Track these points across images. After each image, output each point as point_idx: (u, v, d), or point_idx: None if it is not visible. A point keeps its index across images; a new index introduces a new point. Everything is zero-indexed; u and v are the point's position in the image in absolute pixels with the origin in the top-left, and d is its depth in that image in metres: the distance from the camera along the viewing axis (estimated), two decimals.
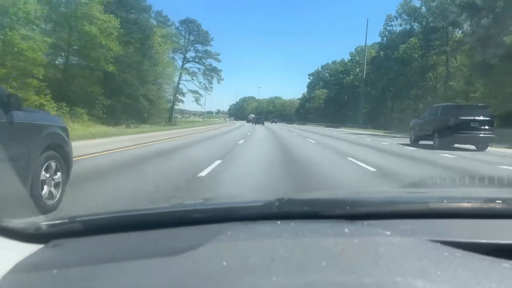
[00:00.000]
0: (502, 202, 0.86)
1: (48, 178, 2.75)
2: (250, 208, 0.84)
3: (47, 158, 2.79)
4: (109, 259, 0.60)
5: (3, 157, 2.25)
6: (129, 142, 10.49)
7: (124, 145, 9.36)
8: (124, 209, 0.87)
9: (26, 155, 2.48)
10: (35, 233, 0.70)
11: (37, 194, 2.56)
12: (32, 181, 2.47)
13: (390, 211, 0.82)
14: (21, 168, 2.40)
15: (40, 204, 2.55)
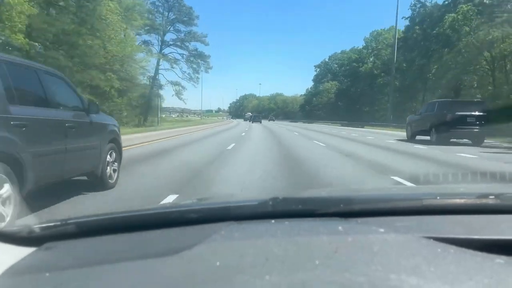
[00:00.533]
0: (495, 198, 0.88)
1: (110, 163, 4.06)
2: (244, 208, 0.87)
3: (110, 149, 4.17)
4: (102, 260, 0.62)
5: (86, 145, 3.54)
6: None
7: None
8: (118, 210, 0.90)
9: (98, 145, 3.83)
10: (28, 236, 0.73)
11: (104, 174, 3.88)
12: (102, 164, 3.71)
13: (385, 208, 0.85)
14: (96, 154, 3.73)
15: (105, 182, 3.95)
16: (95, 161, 3.69)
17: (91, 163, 3.64)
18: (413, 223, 0.75)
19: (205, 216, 0.82)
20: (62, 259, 0.66)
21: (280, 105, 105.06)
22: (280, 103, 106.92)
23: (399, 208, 0.84)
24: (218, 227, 0.71)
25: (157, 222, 0.79)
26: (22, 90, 2.82)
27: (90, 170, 3.65)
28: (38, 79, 3.04)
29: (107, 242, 0.73)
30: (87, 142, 3.57)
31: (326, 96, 62.99)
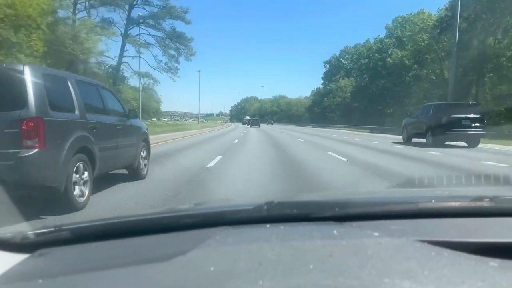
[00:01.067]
0: (490, 201, 0.92)
1: (143, 159, 5.20)
2: (239, 212, 0.89)
3: (142, 147, 5.31)
4: (95, 267, 0.64)
5: (128, 144, 4.63)
6: None
7: None
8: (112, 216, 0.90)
9: (136, 144, 4.96)
10: (21, 242, 0.75)
11: (139, 166, 5.04)
12: (138, 159, 4.86)
13: (380, 211, 0.88)
14: (134, 151, 4.87)
15: (140, 173, 5.12)
16: (134, 156, 4.89)
17: (131, 158, 4.82)
18: (408, 226, 0.77)
19: (199, 221, 0.84)
20: (55, 266, 0.68)
21: (283, 108, 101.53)
22: (283, 105, 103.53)
23: (394, 211, 0.87)
24: (213, 232, 0.73)
25: (150, 227, 0.81)
26: (91, 102, 3.97)
27: (130, 163, 4.81)
28: (98, 93, 4.33)
29: (100, 248, 0.75)
30: (128, 141, 4.76)
31: (340, 95, 54.74)
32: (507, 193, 1.33)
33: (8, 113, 2.80)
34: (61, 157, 3.05)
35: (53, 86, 3.27)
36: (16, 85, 2.88)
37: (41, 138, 2.83)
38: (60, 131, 3.15)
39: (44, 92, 3.00)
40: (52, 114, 3.07)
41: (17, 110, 2.78)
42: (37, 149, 2.80)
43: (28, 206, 2.94)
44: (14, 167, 2.74)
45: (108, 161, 4.11)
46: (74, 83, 3.70)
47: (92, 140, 3.64)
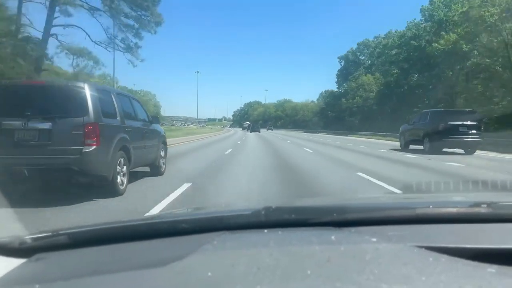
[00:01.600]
0: (488, 207, 0.95)
1: (162, 158, 6.34)
2: (237, 217, 0.93)
3: (162, 148, 6.43)
4: (93, 272, 0.65)
5: (152, 145, 5.78)
6: None
7: None
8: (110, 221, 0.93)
9: (156, 145, 6.09)
10: (19, 247, 0.78)
11: (159, 164, 6.19)
12: (157, 157, 5.99)
13: (378, 217, 0.91)
14: (156, 151, 6.01)
15: (159, 170, 6.28)
16: (155, 155, 6.08)
17: (154, 157, 6.00)
18: (406, 232, 0.81)
19: (197, 226, 0.88)
20: (52, 271, 0.71)
21: (288, 113, 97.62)
22: (288, 110, 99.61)
23: (392, 217, 0.91)
24: (211, 237, 0.76)
25: (148, 233, 0.85)
26: (126, 110, 5.12)
27: (153, 161, 5.99)
28: (130, 102, 5.57)
29: (98, 253, 0.78)
30: (152, 142, 5.93)
31: (361, 95, 45.96)
32: (505, 199, 1.36)
33: (74, 119, 3.90)
34: (110, 153, 4.13)
35: (103, 98, 4.38)
36: (79, 98, 3.99)
37: (97, 138, 3.93)
38: (109, 133, 4.24)
39: (98, 103, 4.11)
40: (104, 120, 4.18)
41: (81, 117, 3.90)
42: (94, 146, 3.87)
43: (83, 190, 4.07)
44: (78, 159, 3.82)
45: (138, 158, 5.22)
46: (115, 95, 4.91)
47: (129, 140, 4.75)
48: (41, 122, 3.86)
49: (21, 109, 3.93)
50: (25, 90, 4.30)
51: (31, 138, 3.88)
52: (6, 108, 4.00)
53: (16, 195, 3.90)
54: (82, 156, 3.86)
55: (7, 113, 3.94)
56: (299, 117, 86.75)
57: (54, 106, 4.00)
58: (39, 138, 3.86)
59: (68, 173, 3.91)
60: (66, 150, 3.85)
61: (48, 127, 3.90)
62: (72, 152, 3.86)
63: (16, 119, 3.87)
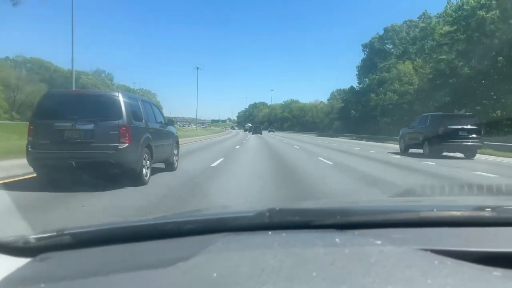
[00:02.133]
0: (492, 210, 1.00)
1: (175, 155, 7.60)
2: (241, 219, 0.97)
3: (174, 146, 7.71)
4: (97, 272, 0.69)
5: (167, 144, 7.09)
6: None
7: None
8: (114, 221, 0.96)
9: (171, 144, 7.39)
10: (24, 246, 0.82)
11: (173, 161, 7.46)
12: (172, 155, 7.27)
13: (381, 220, 0.95)
14: (170, 149, 7.32)
15: (173, 166, 7.64)
16: (170, 153, 7.26)
17: (169, 154, 7.18)
18: (410, 235, 0.85)
19: (201, 227, 0.93)
20: (57, 270, 0.74)
21: (296, 114, 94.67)
22: (296, 111, 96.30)
23: (396, 220, 0.95)
24: (215, 239, 0.80)
25: (153, 233, 0.89)
26: (148, 114, 6.32)
27: (168, 158, 7.16)
28: (151, 108, 6.80)
29: (102, 253, 0.82)
30: (168, 142, 7.12)
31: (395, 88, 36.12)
32: (509, 203, 1.41)
33: (111, 122, 5.07)
34: (138, 150, 5.29)
35: (132, 104, 5.61)
36: (115, 105, 5.18)
37: (129, 137, 5.11)
38: (137, 134, 5.39)
39: (129, 108, 5.29)
40: (134, 122, 5.37)
41: (116, 120, 5.07)
42: (127, 144, 5.01)
43: (115, 180, 5.14)
44: (115, 154, 4.94)
45: (158, 155, 6.40)
46: (141, 101, 6.17)
47: (151, 139, 5.94)
48: (86, 124, 5.02)
49: (70, 113, 5.10)
50: (72, 98, 5.60)
51: (78, 137, 5.04)
52: (58, 113, 5.16)
53: (65, 182, 5.06)
54: (117, 152, 5.00)
55: (58, 117, 5.09)
56: (307, 119, 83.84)
57: (96, 111, 5.16)
58: (84, 137, 5.01)
59: (106, 166, 5.05)
60: (105, 146, 5.00)
61: (91, 128, 5.05)
62: (110, 148, 5.01)
63: (66, 121, 5.03)
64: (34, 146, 5.13)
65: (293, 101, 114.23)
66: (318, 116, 76.77)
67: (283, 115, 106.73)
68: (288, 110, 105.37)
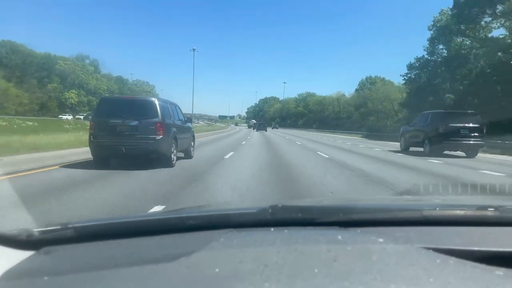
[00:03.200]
0: (495, 210, 1.09)
1: (192, 146, 10.64)
2: (244, 215, 1.07)
3: (192, 138, 10.77)
4: (101, 266, 0.76)
5: (187, 137, 10.21)
6: None
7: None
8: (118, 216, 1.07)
9: (189, 137, 10.43)
10: (27, 239, 0.90)
11: (190, 150, 10.51)
12: (189, 146, 10.35)
13: (384, 218, 1.04)
14: (189, 141, 10.41)
15: (190, 155, 10.72)
16: (188, 144, 10.02)
17: (187, 145, 9.92)
18: (413, 233, 0.92)
19: (204, 223, 1.02)
20: (60, 264, 0.82)
21: (313, 109, 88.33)
22: (312, 105, 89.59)
23: (399, 218, 1.04)
24: (218, 234, 0.88)
25: (156, 228, 0.98)
26: (173, 113, 9.05)
27: (187, 148, 9.94)
28: (175, 108, 9.52)
29: (105, 247, 0.90)
30: (187, 135, 9.84)
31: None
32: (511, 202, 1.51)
33: (150, 120, 7.60)
34: (169, 140, 7.85)
35: (164, 105, 8.23)
36: (152, 107, 7.74)
37: (163, 131, 7.64)
38: (168, 128, 7.97)
39: (162, 109, 7.88)
40: (166, 120, 7.96)
41: (154, 118, 7.62)
42: (161, 136, 7.58)
43: (152, 163, 7.79)
44: (153, 143, 7.52)
45: (181, 145, 9.03)
46: (169, 104, 8.81)
47: (176, 133, 8.53)
48: (132, 121, 7.66)
49: (121, 113, 7.74)
50: (121, 101, 8.40)
51: (126, 130, 7.66)
52: (111, 112, 7.82)
53: (116, 163, 7.69)
54: (155, 142, 7.62)
55: (112, 115, 7.76)
56: (327, 114, 77.25)
57: (139, 112, 7.78)
58: (131, 130, 7.62)
59: (146, 152, 7.67)
60: (145, 137, 7.60)
61: (136, 124, 7.65)
62: (149, 139, 7.63)
63: (118, 119, 7.66)
64: (95, 137, 7.85)
65: (309, 94, 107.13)
66: (345, 110, 69.05)
67: (298, 110, 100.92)
68: (304, 104, 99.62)
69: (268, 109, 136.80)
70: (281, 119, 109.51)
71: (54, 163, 8.22)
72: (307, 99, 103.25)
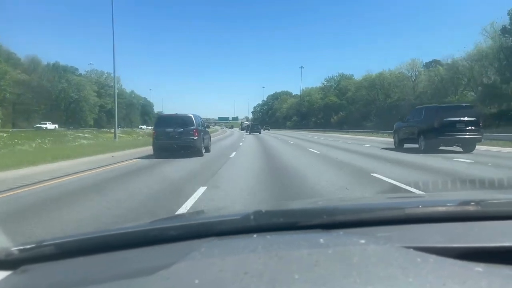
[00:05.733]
0: (476, 204, 1.28)
1: (209, 144, 20.93)
2: (226, 223, 1.27)
3: (209, 138, 21.05)
4: (79, 283, 0.88)
5: (207, 137, 20.88)
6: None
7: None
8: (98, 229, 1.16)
9: (208, 137, 20.62)
10: (5, 259, 1.05)
11: (209, 147, 20.69)
12: (209, 143, 20.62)
13: (367, 218, 1.23)
14: (208, 140, 20.78)
15: (209, 149, 21.64)
16: (208, 142, 19.98)
17: (207, 143, 19.90)
18: (394, 233, 1.11)
19: (186, 233, 1.19)
20: (38, 282, 0.95)
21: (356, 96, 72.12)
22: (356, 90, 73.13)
23: (382, 217, 1.24)
24: (199, 244, 1.02)
25: (136, 240, 1.14)
26: (201, 123, 19.37)
27: (207, 145, 19.97)
28: (200, 118, 19.77)
29: (85, 263, 1.04)
30: (207, 136, 19.73)
31: None
32: (493, 196, 1.79)
33: (190, 127, 16.71)
34: (200, 139, 16.97)
35: (196, 118, 17.75)
36: (190, 119, 16.99)
37: (197, 134, 16.61)
38: (199, 132, 17.17)
39: (196, 120, 17.06)
40: (198, 127, 17.12)
41: (192, 127, 16.75)
42: (196, 137, 16.53)
43: (190, 154, 17.33)
44: (192, 141, 16.78)
45: (206, 143, 18.62)
46: (198, 117, 18.43)
47: (203, 135, 17.94)
48: (179, 129, 16.99)
49: (172, 124, 17.30)
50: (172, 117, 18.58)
51: (176, 135, 16.87)
52: (166, 124, 17.22)
53: (168, 154, 16.93)
54: (193, 141, 16.71)
55: (167, 126, 17.16)
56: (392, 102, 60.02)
57: (183, 123, 16.88)
58: (179, 134, 16.78)
59: (188, 148, 16.81)
60: (187, 138, 16.71)
61: (182, 130, 16.89)
62: (189, 139, 16.67)
63: (170, 128, 17.01)
64: (157, 139, 17.13)
65: (344, 76, 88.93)
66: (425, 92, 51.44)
67: (328, 101, 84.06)
68: (337, 92, 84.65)
69: (279, 106, 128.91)
70: (299, 117, 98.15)
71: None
72: (340, 83, 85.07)
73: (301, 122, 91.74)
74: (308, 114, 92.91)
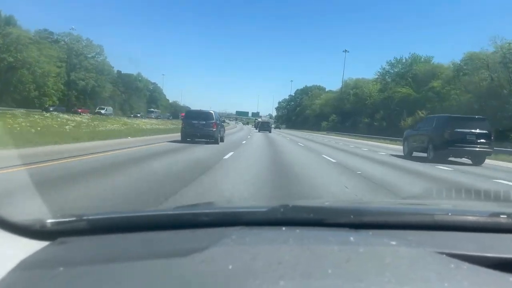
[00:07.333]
0: (507, 217, 1.42)
1: (224, 134, 29.67)
2: (255, 214, 1.41)
3: (223, 130, 30.51)
4: (115, 258, 0.99)
5: (223, 129, 31.23)
6: None
7: None
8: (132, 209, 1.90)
9: (223, 130, 29.51)
10: (41, 230, 1.19)
11: (223, 137, 29.75)
12: (224, 135, 29.53)
13: (395, 221, 1.37)
14: (223, 131, 29.94)
15: (223, 140, 30.99)
16: (223, 133, 28.21)
17: (223, 134, 28.11)
18: (425, 237, 1.22)
19: (216, 219, 1.36)
20: (75, 255, 1.08)
21: (443, 87, 52.10)
22: (443, 81, 53.52)
23: (410, 222, 1.39)
24: (229, 231, 1.15)
25: (169, 223, 1.29)
26: (218, 117, 27.45)
27: (222, 136, 28.12)
28: (218, 114, 28.87)
29: (119, 240, 1.19)
30: (223, 128, 28.34)
31: None
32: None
33: (211, 121, 24.51)
34: (218, 130, 24.82)
35: (215, 113, 26.31)
36: (211, 114, 24.90)
37: (216, 126, 24.08)
38: (218, 125, 25.43)
39: (215, 115, 25.13)
40: (217, 121, 26.34)
41: (212, 120, 24.48)
42: (215, 129, 24.07)
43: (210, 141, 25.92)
44: (211, 132, 24.79)
45: (221, 134, 26.63)
46: (216, 113, 26.97)
47: (220, 127, 26.04)
48: (202, 121, 25.13)
49: (197, 117, 25.43)
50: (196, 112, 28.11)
51: (200, 126, 24.64)
52: (192, 117, 25.91)
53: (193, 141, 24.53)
54: (213, 132, 24.36)
55: (193, 118, 25.66)
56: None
57: (205, 117, 26.22)
58: (202, 126, 24.85)
59: (209, 137, 24.44)
60: (208, 129, 24.45)
61: (204, 123, 25.01)
62: (210, 130, 24.37)
63: (195, 120, 25.03)
64: (185, 128, 24.95)
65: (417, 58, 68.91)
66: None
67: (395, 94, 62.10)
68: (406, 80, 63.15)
69: (311, 103, 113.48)
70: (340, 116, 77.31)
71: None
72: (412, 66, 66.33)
73: (343, 123, 73.83)
74: (353, 113, 74.91)
